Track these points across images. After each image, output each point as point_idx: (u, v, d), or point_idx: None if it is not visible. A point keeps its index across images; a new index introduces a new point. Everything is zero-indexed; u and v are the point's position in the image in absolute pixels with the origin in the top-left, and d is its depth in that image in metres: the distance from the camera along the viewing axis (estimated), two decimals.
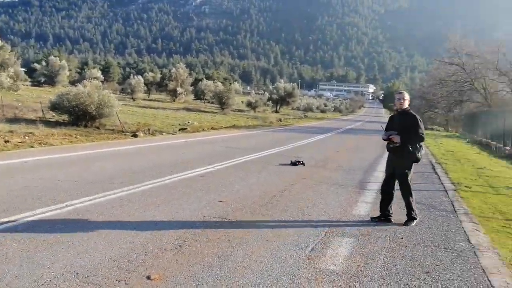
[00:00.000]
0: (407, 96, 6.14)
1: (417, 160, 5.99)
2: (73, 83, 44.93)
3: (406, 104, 6.08)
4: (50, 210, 5.66)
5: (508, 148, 19.31)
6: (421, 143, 5.97)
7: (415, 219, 6.06)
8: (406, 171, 6.04)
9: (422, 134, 5.92)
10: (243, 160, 11.73)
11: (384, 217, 6.15)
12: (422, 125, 5.95)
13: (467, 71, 36.65)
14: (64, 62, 57.16)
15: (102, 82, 41.42)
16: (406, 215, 6.10)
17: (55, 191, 6.73)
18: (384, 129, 6.30)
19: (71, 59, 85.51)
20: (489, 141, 24.05)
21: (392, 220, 6.11)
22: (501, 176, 11.63)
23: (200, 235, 4.99)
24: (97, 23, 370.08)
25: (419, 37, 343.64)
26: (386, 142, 6.14)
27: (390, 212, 6.17)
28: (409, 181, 6.08)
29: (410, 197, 6.06)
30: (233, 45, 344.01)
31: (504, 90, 37.03)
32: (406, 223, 5.98)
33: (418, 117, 6.02)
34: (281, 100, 60.53)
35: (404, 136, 5.90)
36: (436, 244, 5.20)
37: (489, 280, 4.13)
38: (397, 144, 5.93)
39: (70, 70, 61.36)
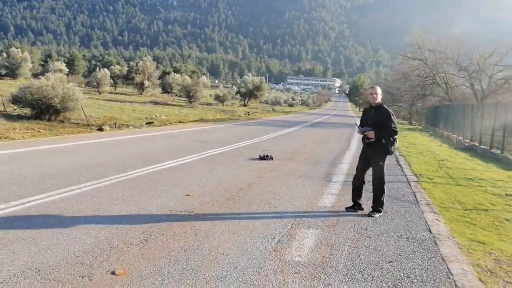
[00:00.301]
0: (379, 91, 6.26)
1: (390, 153, 6.17)
2: (36, 75, 43.47)
3: (379, 99, 6.20)
4: (11, 206, 5.50)
5: (467, 140, 19.98)
6: (394, 137, 6.12)
7: (381, 211, 6.22)
8: (381, 163, 6.21)
9: (395, 128, 6.08)
10: (211, 153, 11.70)
11: (357, 207, 6.35)
12: (394, 119, 6.10)
13: (429, 66, 37.59)
14: (26, 54, 55.12)
15: (67, 75, 40.32)
16: (372, 206, 6.25)
17: (16, 186, 6.53)
18: (359, 123, 6.44)
19: (34, 51, 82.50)
20: (450, 133, 24.81)
21: (364, 208, 6.34)
22: (461, 168, 12.03)
23: (166, 229, 4.96)
24: (61, 14, 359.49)
25: (384, 32, 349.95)
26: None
27: (361, 201, 6.38)
28: (384, 174, 6.24)
29: (382, 190, 6.23)
30: (201, 38, 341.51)
31: (464, 85, 38.24)
32: (370, 214, 6.12)
33: (391, 111, 6.17)
34: (249, 94, 60.60)
35: (377, 130, 6.05)
36: (399, 234, 5.35)
37: (448, 268, 4.28)
38: (372, 140, 6.08)
39: (32, 62, 59.37)
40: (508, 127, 15.08)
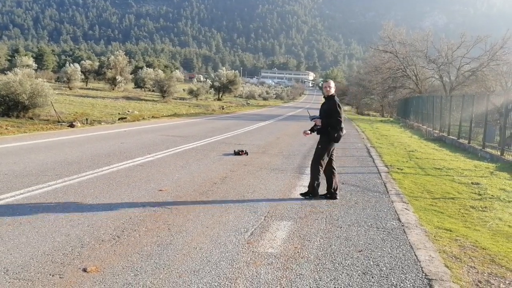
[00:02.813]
0: (332, 84, 6.76)
1: (335, 140, 6.53)
2: (2, 71, 42.29)
3: (332, 91, 6.64)
4: None
5: (436, 131, 20.47)
6: (341, 126, 6.48)
7: (311, 197, 6.61)
8: (320, 146, 6.59)
9: (339, 117, 6.47)
10: (185, 148, 11.66)
11: (330, 195, 6.66)
12: (341, 110, 6.53)
13: (400, 58, 38.21)
14: None
15: (35, 70, 39.33)
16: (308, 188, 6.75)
17: None
18: (317, 114, 6.82)
19: (0, 46, 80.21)
20: (420, 125, 25.35)
21: (337, 197, 6.66)
22: (430, 158, 12.34)
23: (139, 225, 4.94)
24: (28, 8, 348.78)
25: (356, 25, 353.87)
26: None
27: (335, 189, 6.68)
28: (321, 160, 6.55)
29: (316, 176, 6.58)
30: (174, 32, 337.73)
31: (433, 77, 39.08)
32: (302, 194, 6.70)
33: (338, 102, 6.59)
34: (224, 88, 60.44)
35: (324, 119, 6.54)
36: (369, 224, 5.47)
37: (416, 255, 4.41)
38: (319, 127, 6.56)
39: None
40: (474, 118, 15.52)
